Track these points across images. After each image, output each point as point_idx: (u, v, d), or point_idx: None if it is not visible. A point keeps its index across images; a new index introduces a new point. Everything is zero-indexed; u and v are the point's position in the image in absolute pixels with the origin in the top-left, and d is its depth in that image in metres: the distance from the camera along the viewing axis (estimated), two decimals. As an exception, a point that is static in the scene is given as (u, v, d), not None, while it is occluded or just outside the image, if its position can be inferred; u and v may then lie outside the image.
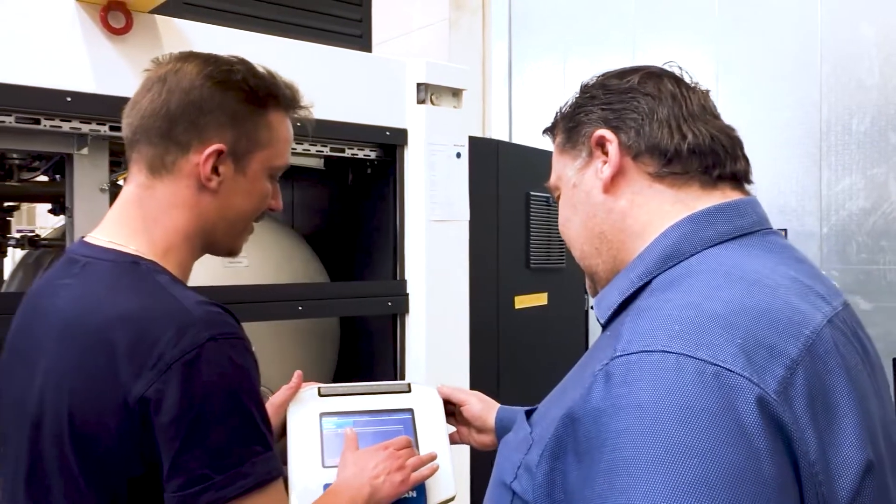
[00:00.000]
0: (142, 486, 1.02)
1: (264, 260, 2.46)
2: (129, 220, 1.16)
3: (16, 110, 1.88)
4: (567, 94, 1.06)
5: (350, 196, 2.75)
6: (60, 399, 1.04)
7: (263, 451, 1.02)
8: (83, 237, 1.21)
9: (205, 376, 0.97)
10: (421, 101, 2.54)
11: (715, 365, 0.71)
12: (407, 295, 2.52)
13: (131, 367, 0.99)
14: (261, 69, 1.26)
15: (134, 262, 1.10)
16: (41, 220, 7.65)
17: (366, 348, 2.70)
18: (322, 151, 2.44)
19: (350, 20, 2.59)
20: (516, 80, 5.97)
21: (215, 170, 1.14)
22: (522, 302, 2.94)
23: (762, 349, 0.74)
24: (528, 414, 0.96)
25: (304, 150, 2.39)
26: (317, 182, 2.87)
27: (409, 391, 1.46)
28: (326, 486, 1.27)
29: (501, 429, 1.42)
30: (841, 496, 0.73)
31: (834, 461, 0.73)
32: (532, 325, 3.02)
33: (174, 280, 1.11)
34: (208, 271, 2.13)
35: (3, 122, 1.88)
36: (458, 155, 2.59)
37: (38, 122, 1.92)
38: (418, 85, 2.54)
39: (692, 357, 0.72)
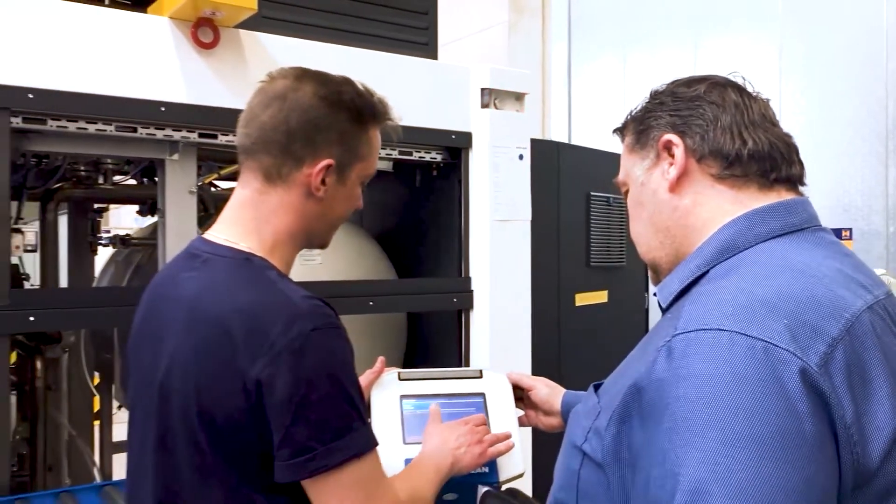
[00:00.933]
0: (256, 455, 1.15)
1: (336, 258, 2.60)
2: (242, 220, 1.30)
3: (115, 119, 2.05)
4: (627, 93, 1.15)
5: (417, 197, 2.87)
6: (187, 378, 1.18)
7: (360, 426, 1.15)
8: (201, 234, 1.35)
9: (310, 362, 1.11)
10: (485, 106, 2.64)
11: (764, 341, 0.81)
12: (471, 291, 2.62)
13: (247, 354, 1.13)
14: (361, 87, 1.38)
15: (247, 258, 1.25)
16: (113, 220, 8.02)
17: (432, 342, 2.82)
18: (391, 155, 2.56)
19: (417, 29, 2.71)
20: (575, 81, 6.02)
21: (323, 181, 1.28)
22: (583, 299, 3.02)
23: (806, 328, 0.83)
24: (596, 387, 1.07)
25: (374, 153, 2.52)
26: (385, 184, 2.99)
27: (481, 377, 1.57)
28: (407, 460, 1.38)
29: (567, 412, 1.51)
30: (874, 456, 0.81)
31: (868, 426, 0.81)
32: (593, 321, 3.09)
33: (281, 275, 1.24)
34: (286, 268, 2.28)
35: (105, 130, 2.05)
36: (521, 157, 2.69)
37: (135, 130, 2.09)
38: (482, 90, 2.64)
39: (744, 334, 0.82)
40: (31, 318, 1.91)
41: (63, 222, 3.16)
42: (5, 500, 1.85)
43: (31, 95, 1.89)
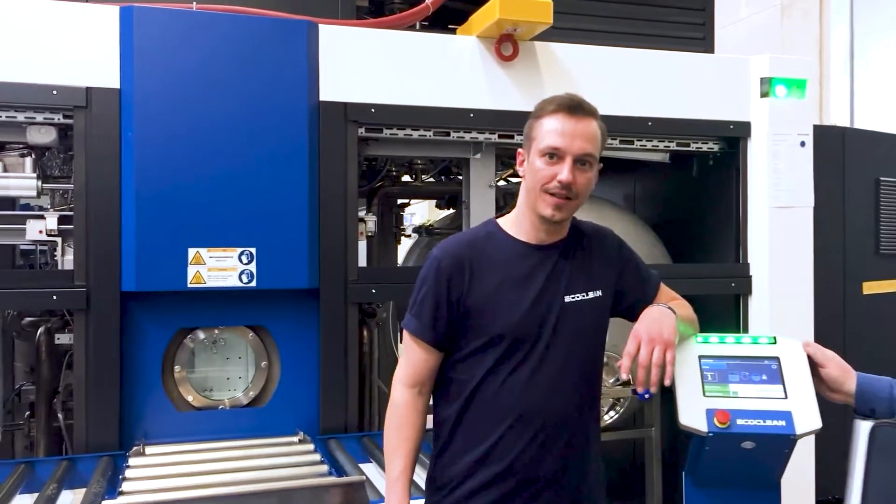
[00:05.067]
0: None
1: (616, 244, 2.80)
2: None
3: (434, 126, 2.44)
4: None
5: (693, 186, 2.97)
6: None
7: (411, 317, 1.66)
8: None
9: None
10: (764, 95, 2.68)
11: None
12: (750, 277, 2.69)
13: None
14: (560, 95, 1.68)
15: (486, 222, 1.78)
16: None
17: (707, 326, 2.90)
18: (669, 146, 2.71)
19: (694, 25, 2.83)
20: (859, 63, 5.62)
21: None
22: (871, 288, 2.92)
23: None
24: None
25: (652, 146, 2.69)
26: (661, 175, 3.14)
27: (775, 343, 1.68)
28: (708, 411, 1.55)
29: (861, 395, 1.57)
30: None
31: None
32: (882, 310, 2.97)
33: (486, 229, 1.73)
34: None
35: (425, 135, 2.45)
36: (802, 144, 2.69)
37: (448, 134, 2.47)
38: (761, 79, 2.69)
39: None
40: (374, 291, 2.37)
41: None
42: (355, 436, 2.32)
43: (373, 110, 2.34)
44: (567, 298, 1.66)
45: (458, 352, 1.65)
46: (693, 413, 1.57)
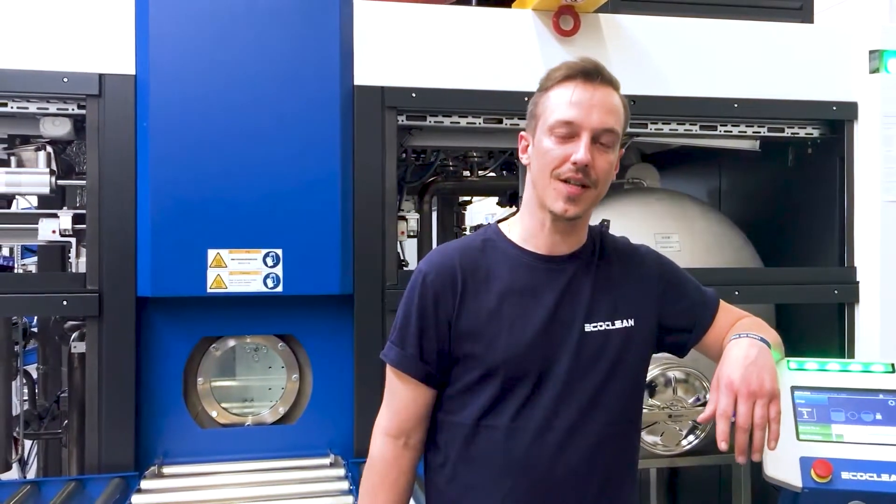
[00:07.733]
0: None
1: (696, 244, 2.46)
2: None
3: (484, 112, 2.18)
4: None
5: (787, 178, 2.61)
6: None
7: (391, 345, 1.37)
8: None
9: None
10: (874, 70, 2.30)
11: None
12: (857, 283, 2.31)
13: None
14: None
15: (486, 226, 1.48)
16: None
17: (803, 341, 2.53)
18: (759, 132, 2.36)
19: (788, -9, 2.46)
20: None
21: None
22: None
23: None
24: None
25: (740, 132, 2.34)
26: (747, 166, 2.78)
27: (894, 371, 1.34)
28: (803, 459, 1.24)
29: None
30: None
31: None
32: None
33: (485, 233, 1.41)
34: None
35: (474, 123, 2.19)
36: (921, 127, 2.29)
37: (500, 121, 2.20)
38: (870, 52, 2.31)
39: None
40: (414, 297, 2.12)
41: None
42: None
43: (414, 95, 2.09)
44: (588, 326, 1.32)
45: (450, 386, 1.35)
46: (783, 462, 1.25)
